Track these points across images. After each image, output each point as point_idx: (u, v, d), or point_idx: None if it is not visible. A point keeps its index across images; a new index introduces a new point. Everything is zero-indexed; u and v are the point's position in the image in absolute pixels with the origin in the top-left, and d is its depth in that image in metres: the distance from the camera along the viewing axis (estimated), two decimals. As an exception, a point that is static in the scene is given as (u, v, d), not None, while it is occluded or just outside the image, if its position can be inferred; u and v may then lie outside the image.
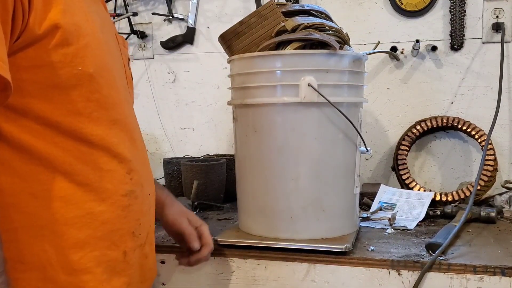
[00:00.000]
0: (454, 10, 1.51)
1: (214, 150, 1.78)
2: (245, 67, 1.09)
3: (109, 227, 0.72)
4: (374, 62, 1.60)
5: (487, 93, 1.53)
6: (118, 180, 0.74)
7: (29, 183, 0.66)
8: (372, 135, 1.62)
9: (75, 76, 0.66)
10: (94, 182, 0.70)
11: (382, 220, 1.26)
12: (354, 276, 0.99)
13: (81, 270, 0.69)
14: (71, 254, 0.69)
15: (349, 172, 1.10)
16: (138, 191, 0.77)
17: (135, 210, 0.77)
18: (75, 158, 0.68)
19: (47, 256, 0.67)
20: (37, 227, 0.67)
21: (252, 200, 1.11)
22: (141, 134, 0.85)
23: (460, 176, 1.57)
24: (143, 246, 0.80)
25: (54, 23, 0.63)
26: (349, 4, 1.62)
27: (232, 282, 1.06)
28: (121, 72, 0.80)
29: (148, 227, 0.82)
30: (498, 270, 0.93)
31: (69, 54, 0.65)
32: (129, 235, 0.76)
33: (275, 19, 1.09)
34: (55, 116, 0.66)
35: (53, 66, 0.64)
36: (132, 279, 0.77)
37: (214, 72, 1.75)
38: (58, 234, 0.68)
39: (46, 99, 0.65)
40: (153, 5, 1.80)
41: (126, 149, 0.75)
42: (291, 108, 1.04)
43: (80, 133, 0.68)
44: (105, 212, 0.72)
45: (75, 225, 0.69)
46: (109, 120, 0.72)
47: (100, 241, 0.71)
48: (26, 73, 0.63)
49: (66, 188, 0.68)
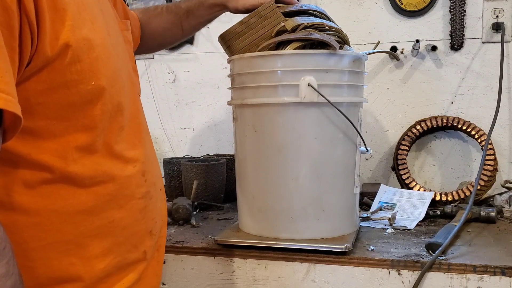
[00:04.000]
0: (454, 10, 1.51)
1: (214, 150, 1.78)
2: (245, 67, 1.09)
3: (129, 231, 0.74)
4: (374, 62, 1.60)
5: (487, 93, 1.53)
6: (135, 184, 0.74)
7: (51, 200, 0.66)
8: (372, 135, 1.62)
9: (89, 92, 0.65)
10: (113, 191, 0.71)
11: (382, 220, 1.26)
12: (354, 276, 0.99)
13: (106, 276, 0.71)
14: (97, 263, 0.69)
15: (349, 172, 1.10)
16: (152, 191, 0.79)
17: (151, 210, 0.78)
18: (93, 170, 0.68)
19: (75, 269, 0.68)
20: (63, 243, 0.67)
21: (252, 200, 1.11)
22: (147, 130, 0.85)
23: (460, 176, 1.57)
24: (157, 241, 0.81)
25: (65, 42, 0.61)
26: (349, 4, 1.62)
27: (232, 282, 1.06)
28: (129, 68, 0.80)
29: (161, 222, 0.83)
30: (498, 270, 0.93)
31: (81, 70, 0.63)
32: (147, 235, 0.77)
33: (275, 19, 1.09)
34: (71, 132, 0.66)
35: (68, 86, 0.63)
36: (146, 274, 0.78)
37: (214, 72, 1.75)
38: (83, 247, 0.68)
39: (63, 118, 0.64)
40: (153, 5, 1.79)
41: (138, 152, 0.75)
42: (291, 108, 1.04)
43: (96, 146, 0.68)
44: (124, 218, 0.73)
45: (99, 235, 0.69)
46: (118, 128, 0.72)
47: (121, 246, 0.73)
48: (40, 97, 0.62)
49: (87, 201, 0.68)
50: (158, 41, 1.17)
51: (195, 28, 1.21)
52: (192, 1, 1.18)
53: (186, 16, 1.17)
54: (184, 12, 1.17)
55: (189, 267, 1.09)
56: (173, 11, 1.17)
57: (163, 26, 1.16)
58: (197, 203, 1.43)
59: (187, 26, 1.18)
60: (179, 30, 1.18)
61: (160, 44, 1.20)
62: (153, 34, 0.97)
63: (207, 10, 1.16)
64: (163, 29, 1.16)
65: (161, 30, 1.16)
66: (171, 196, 1.53)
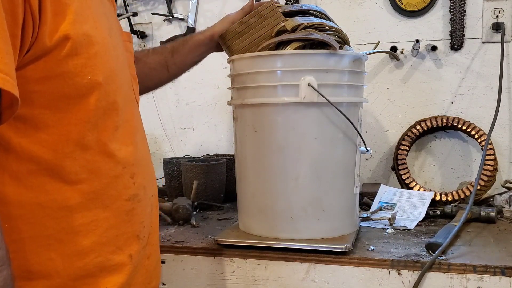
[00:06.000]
0: (454, 10, 1.51)
1: (214, 150, 1.78)
2: (245, 67, 1.09)
3: (113, 232, 0.73)
4: (374, 62, 1.60)
5: (487, 93, 1.53)
6: (122, 186, 0.74)
7: (35, 193, 0.66)
8: (372, 135, 1.62)
9: (84, 86, 0.66)
10: (99, 189, 0.71)
11: (382, 220, 1.26)
12: (354, 276, 0.99)
13: (85, 276, 0.70)
14: (77, 261, 0.69)
15: (349, 172, 1.10)
16: (142, 194, 0.78)
17: (139, 213, 0.77)
18: (81, 167, 0.68)
19: (53, 264, 0.68)
20: (43, 237, 0.67)
21: (252, 200, 1.11)
22: (144, 133, 0.85)
23: (460, 176, 1.57)
24: (145, 247, 0.80)
25: (64, 34, 0.63)
26: (349, 4, 1.62)
27: (232, 282, 1.06)
28: (127, 73, 0.80)
29: (149, 228, 0.82)
30: (498, 270, 0.93)
31: (78, 64, 0.65)
32: (134, 238, 0.76)
33: (275, 19, 1.09)
34: (64, 125, 0.66)
35: (63, 77, 0.64)
36: (134, 281, 0.78)
37: (214, 72, 1.75)
38: (64, 243, 0.68)
39: (57, 110, 0.65)
40: (153, 5, 1.80)
41: (128, 153, 0.75)
42: (291, 108, 1.04)
43: (87, 141, 0.68)
44: (109, 218, 0.72)
45: (81, 232, 0.69)
46: (112, 127, 0.72)
47: (105, 246, 0.72)
48: (36, 85, 0.63)
49: (72, 197, 0.68)
50: (145, 83, 1.13)
51: (180, 68, 1.20)
52: (177, 41, 1.18)
53: (171, 56, 1.17)
54: (169, 51, 1.17)
55: (189, 267, 1.09)
56: (159, 51, 1.18)
57: (149, 67, 1.15)
58: (197, 203, 1.43)
59: (173, 66, 1.17)
60: (165, 70, 1.18)
61: (146, 87, 1.16)
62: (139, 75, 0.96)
63: (192, 48, 1.17)
64: (149, 69, 1.15)
65: (147, 71, 1.15)
66: (171, 196, 1.53)
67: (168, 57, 1.17)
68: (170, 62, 1.17)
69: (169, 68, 1.18)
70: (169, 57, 1.17)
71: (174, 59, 1.17)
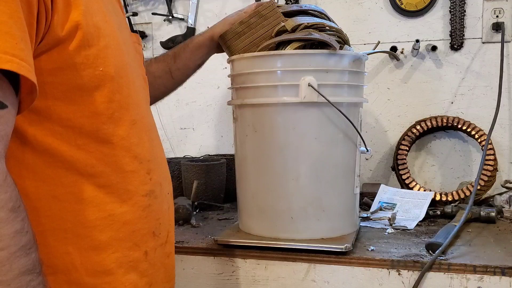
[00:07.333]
0: (454, 10, 1.51)
1: (214, 150, 1.78)
2: (245, 67, 1.09)
3: (130, 228, 0.73)
4: (374, 62, 1.60)
5: (487, 93, 1.53)
6: (139, 181, 0.74)
7: (52, 186, 0.66)
8: (372, 135, 1.62)
9: (97, 77, 0.66)
10: (116, 183, 0.70)
11: (382, 220, 1.26)
12: (354, 276, 0.99)
13: (103, 272, 0.70)
14: (94, 256, 0.69)
15: (349, 172, 1.10)
16: (158, 191, 0.78)
17: (155, 209, 0.77)
18: (97, 160, 0.68)
19: (70, 258, 0.68)
20: (61, 230, 0.67)
21: (252, 200, 1.11)
22: (157, 132, 0.85)
23: (460, 176, 1.57)
24: (164, 245, 0.80)
25: (75, 24, 0.63)
26: (349, 4, 1.62)
27: (232, 282, 1.06)
28: (138, 72, 0.81)
29: (168, 226, 0.82)
30: (498, 270, 0.93)
31: (90, 55, 0.65)
32: (150, 235, 0.76)
33: (275, 19, 1.09)
34: (78, 117, 0.66)
35: (76, 68, 0.64)
36: (154, 279, 0.78)
37: (214, 72, 1.74)
38: (81, 237, 0.68)
39: (70, 101, 0.65)
40: (153, 5, 1.80)
41: (145, 149, 0.75)
42: (291, 108, 1.04)
43: (103, 134, 0.68)
44: (126, 213, 0.72)
45: (97, 227, 0.69)
46: (130, 121, 0.72)
47: (122, 242, 0.72)
48: (49, 76, 0.63)
49: (88, 190, 0.68)
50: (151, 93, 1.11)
51: (184, 72, 1.19)
52: (178, 46, 1.18)
53: (174, 61, 1.17)
54: (171, 57, 1.17)
55: (189, 267, 1.09)
56: (161, 59, 1.18)
57: (153, 75, 1.15)
58: (197, 203, 1.43)
59: (177, 71, 1.17)
60: (169, 77, 1.18)
61: (153, 96, 1.13)
62: None
63: (193, 50, 1.16)
64: (154, 78, 1.15)
65: (152, 80, 1.13)
66: (171, 196, 1.53)
67: (171, 63, 1.17)
68: (173, 68, 1.17)
69: (173, 74, 1.18)
70: (172, 63, 1.17)
71: (177, 64, 1.17)
